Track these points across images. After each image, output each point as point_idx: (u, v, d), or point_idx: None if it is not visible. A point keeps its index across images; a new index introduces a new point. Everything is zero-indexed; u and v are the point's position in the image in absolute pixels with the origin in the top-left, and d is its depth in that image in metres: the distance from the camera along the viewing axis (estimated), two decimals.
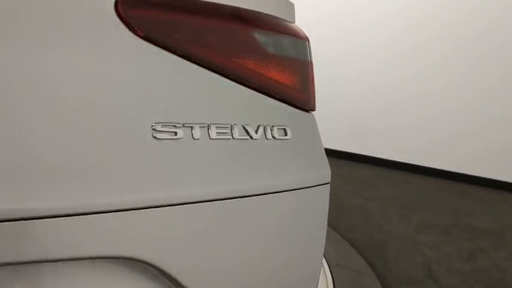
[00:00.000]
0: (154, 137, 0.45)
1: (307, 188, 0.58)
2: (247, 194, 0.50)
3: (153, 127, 0.46)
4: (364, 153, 5.53)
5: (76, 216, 0.39)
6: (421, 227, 3.40)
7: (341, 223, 3.33)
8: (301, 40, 0.68)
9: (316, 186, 0.59)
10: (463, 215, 3.75)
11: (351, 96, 5.56)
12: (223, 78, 0.55)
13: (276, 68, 0.62)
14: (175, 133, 0.47)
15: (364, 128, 5.47)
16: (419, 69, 4.98)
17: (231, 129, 0.52)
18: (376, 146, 5.39)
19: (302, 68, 0.68)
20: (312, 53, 0.73)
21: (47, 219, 0.38)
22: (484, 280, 2.63)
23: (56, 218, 0.38)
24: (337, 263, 2.66)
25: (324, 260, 2.69)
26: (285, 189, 0.54)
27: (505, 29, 4.35)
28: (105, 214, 0.40)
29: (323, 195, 0.62)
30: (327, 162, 0.64)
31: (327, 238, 2.38)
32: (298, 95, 0.66)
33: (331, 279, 2.50)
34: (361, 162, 5.52)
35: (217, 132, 0.51)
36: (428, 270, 2.72)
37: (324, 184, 0.61)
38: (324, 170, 0.63)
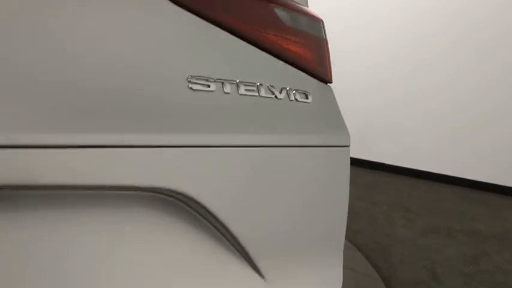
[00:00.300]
0: (190, 88, 0.53)
1: (328, 146, 0.65)
2: (271, 144, 0.57)
3: (189, 79, 0.54)
4: (370, 159, 5.57)
5: (125, 148, 0.46)
6: (425, 231, 3.45)
7: (348, 227, 3.37)
8: (316, 20, 0.78)
9: (336, 146, 0.66)
10: (467, 219, 3.80)
11: (354, 93, 5.60)
12: (249, 45, 0.64)
13: (295, 40, 0.72)
14: (208, 86, 0.55)
15: (369, 132, 5.51)
16: (420, 65, 5.03)
17: (258, 88, 0.61)
18: (381, 151, 5.44)
19: (318, 43, 0.78)
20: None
21: (107, 148, 0.46)
22: (487, 282, 2.68)
23: (112, 148, 0.46)
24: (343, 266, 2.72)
25: None
26: (306, 144, 0.61)
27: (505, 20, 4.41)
28: (145, 149, 0.47)
29: (343, 157, 0.68)
30: (346, 127, 0.72)
31: None
32: (316, 67, 0.75)
33: None
34: (366, 168, 5.57)
35: (245, 89, 0.59)
36: (432, 272, 2.77)
37: (344, 146, 0.68)
38: (343, 134, 0.70)
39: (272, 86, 0.63)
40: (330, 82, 0.77)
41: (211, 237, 0.57)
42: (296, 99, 0.66)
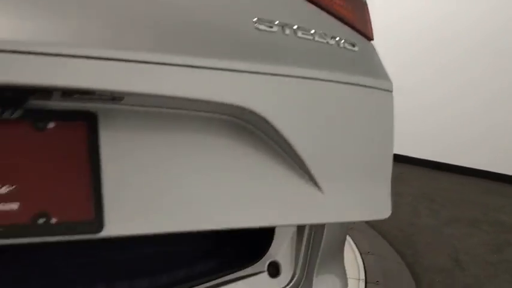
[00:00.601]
0: (256, 28, 0.64)
1: (374, 88, 0.75)
2: (324, 79, 0.68)
3: (254, 21, 0.65)
4: (395, 152, 5.59)
5: (211, 70, 0.57)
6: (449, 221, 3.50)
7: None
8: None
9: (381, 89, 0.76)
10: (491, 210, 3.83)
11: None
12: (304, 1, 0.76)
13: (341, 1, 0.82)
14: (271, 27, 0.66)
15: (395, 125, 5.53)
16: (441, 67, 5.05)
17: (313, 34, 0.71)
18: (407, 145, 5.46)
19: (360, 5, 0.90)
20: None
21: (200, 69, 0.57)
22: (509, 270, 2.73)
23: (203, 69, 0.57)
24: (367, 251, 2.80)
25: (355, 248, 2.84)
26: (354, 83, 0.71)
27: None
28: (225, 72, 0.59)
29: (387, 99, 0.78)
30: (389, 77, 0.82)
31: (357, 229, 2.52)
32: (360, 25, 0.86)
33: (362, 265, 2.65)
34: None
35: (302, 33, 0.70)
36: (455, 260, 2.83)
37: (387, 91, 0.79)
38: (386, 80, 0.80)
39: (325, 34, 0.74)
40: (372, 39, 0.88)
41: (277, 156, 0.68)
42: (345, 47, 0.77)
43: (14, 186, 0.50)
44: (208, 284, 0.89)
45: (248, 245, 0.99)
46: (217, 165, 0.64)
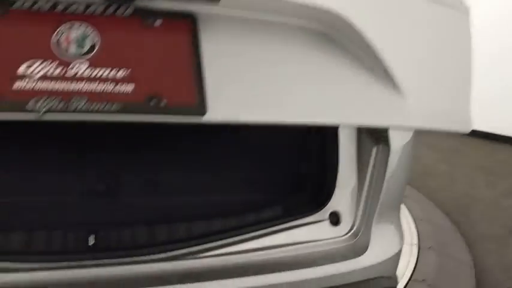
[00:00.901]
0: None
1: (452, 7, 0.79)
2: None
3: None
4: None
5: None
6: (507, 192, 3.46)
7: (426, 186, 3.46)
8: None
9: (458, 10, 0.79)
10: None
11: None
12: None
13: None
14: None
15: None
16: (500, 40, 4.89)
17: None
18: None
19: None
20: None
21: None
22: None
23: None
24: (421, 218, 2.84)
25: (408, 214, 2.88)
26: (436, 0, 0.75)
27: None
28: None
29: (465, 21, 0.80)
30: (466, 2, 0.85)
31: (411, 197, 2.57)
32: None
33: (415, 231, 2.70)
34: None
35: None
36: (510, 230, 2.83)
37: (465, 13, 0.80)
38: (463, 4, 0.81)
39: None
40: None
41: (362, 62, 0.73)
42: None
43: (130, 70, 0.58)
44: (274, 229, 0.99)
45: (311, 195, 1.09)
46: (305, 66, 0.71)
